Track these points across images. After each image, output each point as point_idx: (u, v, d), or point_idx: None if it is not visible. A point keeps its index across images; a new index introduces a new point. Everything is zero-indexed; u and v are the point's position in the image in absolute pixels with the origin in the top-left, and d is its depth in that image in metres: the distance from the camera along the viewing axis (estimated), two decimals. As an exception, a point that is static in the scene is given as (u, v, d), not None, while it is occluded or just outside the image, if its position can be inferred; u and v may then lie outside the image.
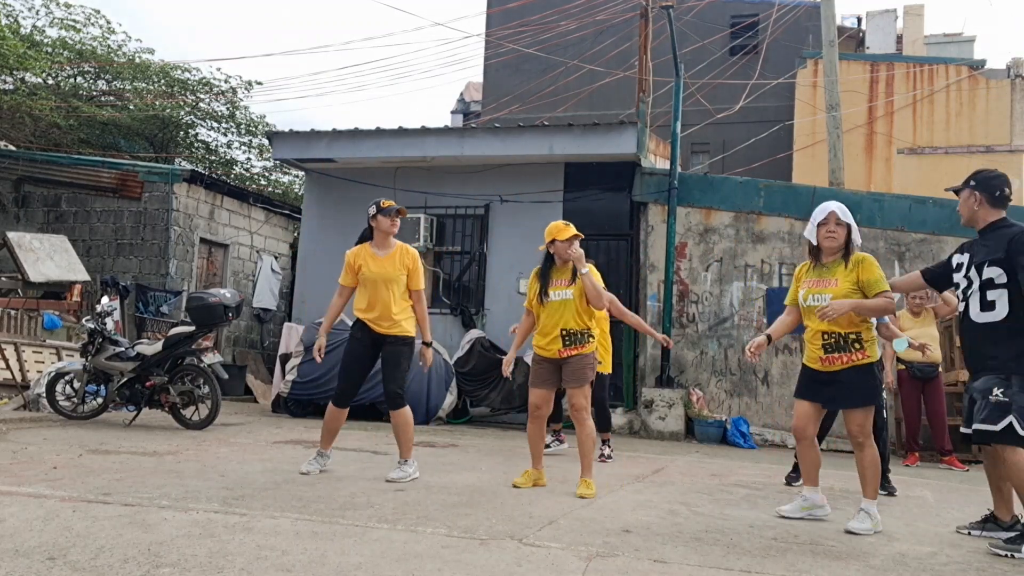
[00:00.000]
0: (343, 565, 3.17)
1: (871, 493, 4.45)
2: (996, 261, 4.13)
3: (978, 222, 4.32)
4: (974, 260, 4.28)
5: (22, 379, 9.27)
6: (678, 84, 11.39)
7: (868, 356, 4.46)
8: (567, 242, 5.26)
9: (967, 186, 4.37)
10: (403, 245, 5.55)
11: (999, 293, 4.10)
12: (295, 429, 8.48)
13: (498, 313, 11.18)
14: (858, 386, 4.46)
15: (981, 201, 4.29)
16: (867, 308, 4.43)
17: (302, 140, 11.82)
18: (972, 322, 4.21)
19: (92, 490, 4.41)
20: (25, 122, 17.25)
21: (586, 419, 5.20)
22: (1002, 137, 16.79)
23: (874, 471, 4.46)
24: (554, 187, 11.19)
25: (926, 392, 8.33)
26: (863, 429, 4.44)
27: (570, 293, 5.23)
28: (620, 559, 3.49)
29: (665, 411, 9.98)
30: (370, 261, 5.45)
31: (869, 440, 4.44)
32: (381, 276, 5.37)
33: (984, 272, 4.17)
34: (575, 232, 5.31)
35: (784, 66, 18.24)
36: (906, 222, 10.11)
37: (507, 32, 19.01)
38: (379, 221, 5.45)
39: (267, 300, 15.00)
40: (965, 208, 4.37)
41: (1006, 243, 4.13)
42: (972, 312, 4.20)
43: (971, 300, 4.22)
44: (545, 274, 5.40)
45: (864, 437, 4.44)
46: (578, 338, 5.21)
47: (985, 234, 4.30)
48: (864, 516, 4.39)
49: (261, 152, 22.13)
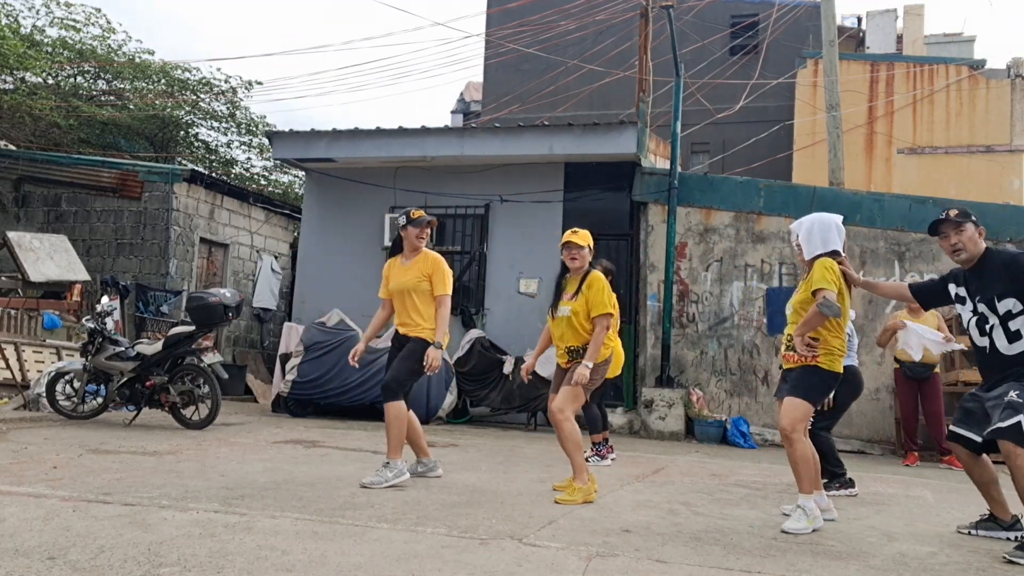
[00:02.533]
0: (343, 565, 3.17)
1: (806, 487, 4.41)
2: (1006, 294, 4.17)
3: (975, 257, 4.33)
4: (977, 296, 4.29)
5: (22, 379, 9.27)
6: (678, 84, 11.39)
7: (820, 362, 4.47)
8: (565, 249, 5.17)
9: (970, 220, 4.31)
10: (426, 252, 5.39)
11: (1021, 321, 4.15)
12: (295, 429, 8.48)
13: (498, 313, 11.19)
14: (797, 382, 4.52)
15: (983, 235, 4.35)
16: (804, 326, 4.46)
17: (302, 140, 11.81)
18: (1003, 355, 4.21)
19: (92, 490, 4.41)
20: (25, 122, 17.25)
21: (561, 422, 4.95)
22: (1002, 137, 16.79)
23: (804, 466, 4.42)
24: (554, 187, 11.19)
25: (923, 392, 8.33)
26: (791, 423, 4.43)
27: (569, 310, 5.09)
28: (620, 559, 3.49)
29: (665, 411, 9.98)
30: (395, 272, 5.42)
31: (797, 435, 4.42)
32: (401, 286, 5.32)
33: (999, 307, 4.20)
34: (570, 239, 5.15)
35: (784, 66, 18.25)
36: (906, 222, 10.11)
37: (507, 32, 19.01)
38: (408, 232, 5.35)
39: (267, 300, 15.00)
40: (972, 242, 4.30)
41: (1004, 273, 4.18)
42: (1000, 346, 4.21)
43: (995, 335, 4.23)
44: (559, 284, 5.31)
45: (793, 431, 4.42)
46: (582, 353, 5.07)
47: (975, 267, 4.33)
48: (800, 514, 4.37)
49: (261, 152, 22.14)
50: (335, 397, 9.98)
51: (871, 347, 9.41)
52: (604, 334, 5.02)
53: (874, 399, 9.63)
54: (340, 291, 11.39)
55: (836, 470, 5.93)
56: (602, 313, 5.02)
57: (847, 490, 5.83)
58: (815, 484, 4.47)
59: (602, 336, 5.01)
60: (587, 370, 4.93)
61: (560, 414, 4.96)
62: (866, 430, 9.76)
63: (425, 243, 5.43)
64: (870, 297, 9.96)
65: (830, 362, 4.48)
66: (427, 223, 5.35)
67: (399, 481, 5.03)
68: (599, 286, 5.07)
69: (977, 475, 4.41)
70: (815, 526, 4.32)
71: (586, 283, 5.09)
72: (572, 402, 5.00)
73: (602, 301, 5.04)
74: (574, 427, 4.99)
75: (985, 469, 4.39)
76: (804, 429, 4.48)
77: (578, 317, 5.07)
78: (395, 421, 5.17)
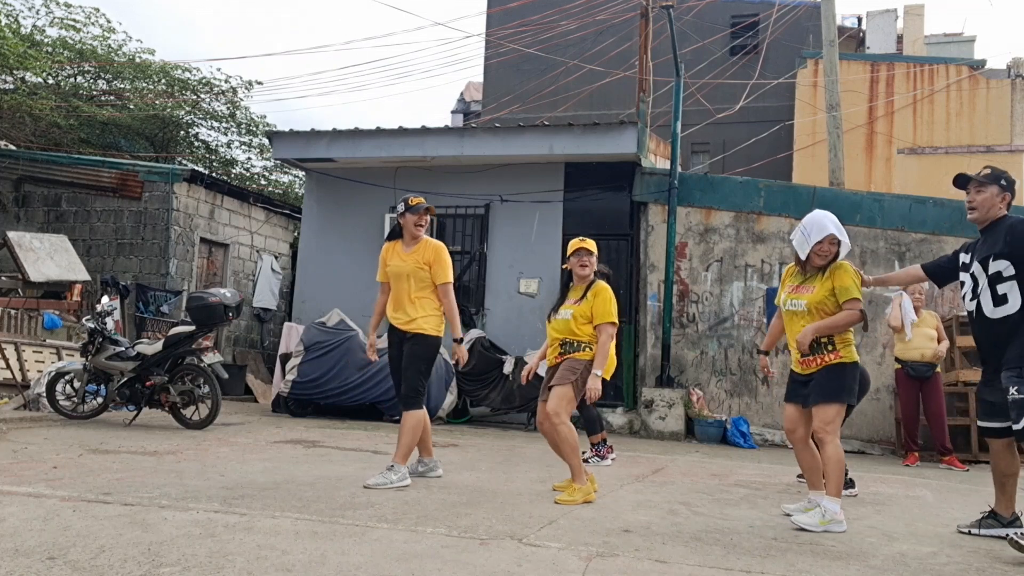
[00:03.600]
0: (343, 565, 3.17)
1: (833, 490, 4.40)
2: (1000, 254, 4.14)
3: (988, 220, 4.30)
4: (976, 257, 4.28)
5: (22, 379, 9.27)
6: (678, 84, 11.39)
7: (841, 356, 4.46)
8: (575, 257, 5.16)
9: (997, 184, 4.28)
10: (427, 240, 5.38)
11: (1009, 286, 4.12)
12: (295, 429, 8.48)
13: (498, 313, 11.19)
14: (824, 384, 4.47)
15: (1006, 201, 4.29)
16: (828, 327, 4.43)
17: (302, 140, 11.82)
18: (987, 319, 4.20)
19: (92, 490, 4.41)
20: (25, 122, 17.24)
21: (558, 426, 4.94)
22: (1002, 137, 16.79)
23: (836, 468, 4.41)
24: (554, 187, 11.19)
25: (924, 392, 8.32)
26: (826, 426, 4.42)
27: (570, 313, 5.08)
28: (620, 559, 3.49)
29: (665, 411, 9.98)
30: (394, 256, 5.39)
31: (831, 437, 4.41)
32: (400, 270, 5.29)
33: (990, 267, 4.17)
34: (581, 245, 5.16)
35: (784, 66, 18.25)
36: (906, 222, 10.11)
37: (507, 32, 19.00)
38: (406, 219, 5.34)
39: (267, 300, 15.00)
40: (988, 205, 4.27)
41: (1006, 235, 4.14)
42: (986, 309, 4.19)
43: (982, 297, 4.22)
44: (563, 292, 5.32)
45: (825, 433, 4.41)
46: (574, 346, 5.08)
47: (986, 230, 4.31)
48: (817, 512, 4.37)
49: (261, 152, 22.13)
50: (335, 397, 9.98)
51: (871, 347, 9.42)
52: (610, 343, 5.03)
53: (874, 399, 9.63)
54: (340, 291, 11.39)
55: None
56: (607, 322, 5.02)
57: (847, 490, 5.81)
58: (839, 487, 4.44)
59: (608, 345, 5.00)
60: (598, 380, 4.93)
61: (556, 418, 4.95)
62: (866, 430, 9.76)
63: (425, 230, 5.42)
64: (870, 297, 9.95)
65: (848, 353, 4.48)
66: (425, 210, 5.34)
67: (402, 484, 5.03)
68: (606, 296, 5.07)
69: (1004, 465, 4.35)
70: (830, 528, 4.29)
71: (592, 291, 5.09)
72: (566, 404, 4.98)
73: (608, 311, 5.03)
74: (570, 430, 4.98)
75: (1014, 460, 4.35)
76: (837, 430, 4.46)
77: (577, 321, 5.06)
78: (412, 430, 5.15)
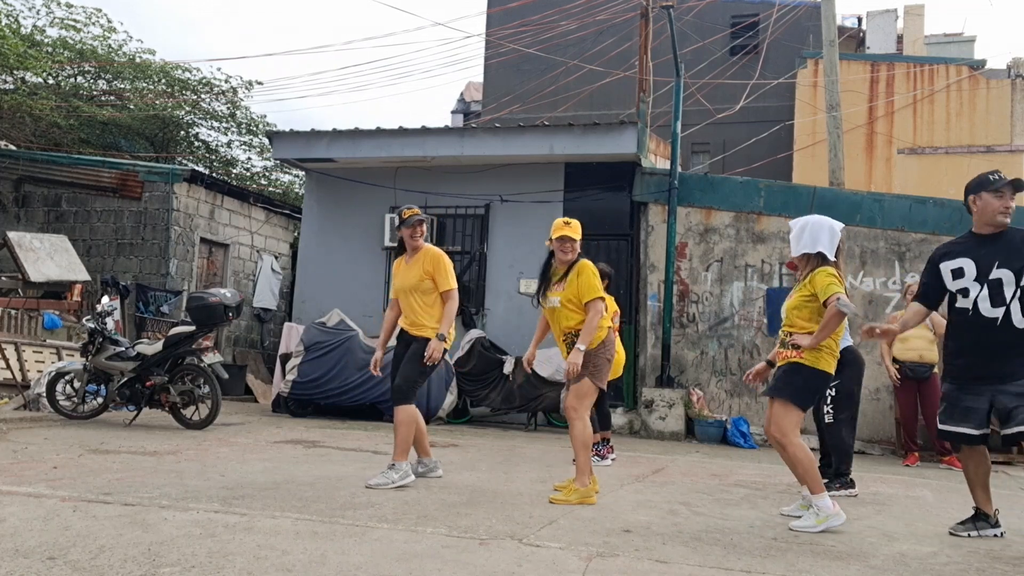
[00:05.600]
0: (343, 565, 3.17)
1: (814, 488, 4.39)
2: None
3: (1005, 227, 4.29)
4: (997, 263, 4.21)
5: (22, 379, 9.27)
6: (678, 84, 11.39)
7: (803, 358, 4.42)
8: (558, 242, 5.08)
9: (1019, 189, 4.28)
10: (427, 249, 5.39)
11: None
12: (295, 429, 8.49)
13: (498, 313, 11.19)
14: (780, 382, 4.50)
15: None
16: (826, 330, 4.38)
17: (302, 140, 11.81)
18: (1016, 329, 4.15)
19: (92, 490, 4.41)
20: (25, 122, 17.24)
21: (573, 420, 4.91)
22: (1002, 137, 16.79)
23: (802, 467, 4.39)
24: (554, 187, 11.19)
25: (922, 392, 8.31)
26: (778, 426, 4.41)
27: (558, 300, 5.06)
28: (620, 559, 3.49)
29: (665, 411, 9.98)
30: (399, 271, 5.46)
31: (787, 440, 4.39)
32: (404, 286, 5.36)
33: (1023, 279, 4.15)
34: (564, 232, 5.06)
35: (784, 66, 18.25)
36: (906, 222, 10.10)
37: (507, 32, 19.00)
38: (402, 232, 5.41)
39: (267, 300, 15.00)
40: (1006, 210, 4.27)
41: None
42: (1016, 319, 4.15)
43: (1012, 306, 4.17)
44: (545, 273, 5.27)
45: (781, 435, 4.41)
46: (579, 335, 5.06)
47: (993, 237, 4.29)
48: (811, 514, 4.37)
49: (261, 152, 22.12)
50: (335, 397, 9.99)
51: (871, 347, 9.40)
52: (598, 318, 4.95)
53: (874, 399, 9.63)
54: (340, 291, 11.39)
55: (841, 468, 5.91)
56: (595, 297, 4.98)
57: (847, 490, 5.82)
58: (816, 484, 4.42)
59: (596, 320, 4.94)
60: (580, 354, 4.87)
61: (573, 412, 4.94)
62: (866, 430, 9.75)
63: (423, 238, 5.43)
64: (871, 297, 9.97)
65: (814, 359, 4.41)
66: (417, 223, 5.34)
67: (404, 483, 5.03)
68: (588, 272, 5.04)
69: (974, 467, 4.38)
70: (829, 524, 4.29)
71: (574, 271, 5.05)
72: (582, 398, 4.95)
73: (593, 285, 5.00)
74: (586, 426, 4.94)
75: (984, 461, 4.38)
76: (794, 433, 4.42)
77: (567, 308, 5.04)
78: (405, 425, 5.15)
